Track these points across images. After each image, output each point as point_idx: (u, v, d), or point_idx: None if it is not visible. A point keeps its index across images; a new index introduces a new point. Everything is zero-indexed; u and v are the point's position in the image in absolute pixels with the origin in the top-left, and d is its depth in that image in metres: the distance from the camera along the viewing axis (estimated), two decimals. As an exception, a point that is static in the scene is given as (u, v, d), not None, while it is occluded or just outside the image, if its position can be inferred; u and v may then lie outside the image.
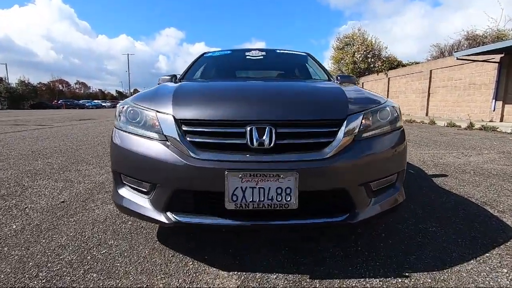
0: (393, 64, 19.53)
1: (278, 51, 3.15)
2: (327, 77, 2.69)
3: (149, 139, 1.39)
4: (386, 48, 21.74)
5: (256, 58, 2.96)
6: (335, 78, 2.63)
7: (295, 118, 1.34)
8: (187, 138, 1.32)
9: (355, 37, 23.05)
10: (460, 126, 9.06)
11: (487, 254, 1.51)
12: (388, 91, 17.65)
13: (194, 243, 1.62)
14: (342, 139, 1.32)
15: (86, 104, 47.43)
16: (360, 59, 21.74)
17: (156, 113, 1.42)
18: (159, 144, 1.35)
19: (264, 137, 1.27)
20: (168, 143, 1.33)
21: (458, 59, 9.90)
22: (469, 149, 4.97)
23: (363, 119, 1.41)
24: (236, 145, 1.29)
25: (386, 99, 1.66)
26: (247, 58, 2.97)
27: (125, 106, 1.55)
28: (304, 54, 3.20)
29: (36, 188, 2.64)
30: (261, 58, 2.96)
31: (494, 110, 9.95)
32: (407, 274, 1.34)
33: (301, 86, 2.06)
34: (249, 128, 1.29)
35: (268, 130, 1.28)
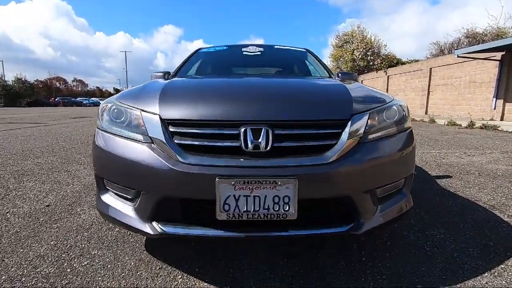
0: (392, 62, 19.40)
1: (276, 47, 3.02)
2: (327, 74, 2.56)
3: (134, 141, 1.26)
4: (386, 46, 21.64)
5: (253, 54, 2.82)
6: (336, 75, 2.51)
7: (294, 118, 1.22)
8: (174, 140, 1.19)
9: (354, 35, 22.89)
10: (460, 125, 8.96)
11: (501, 266, 1.40)
12: (387, 89, 17.53)
13: (184, 252, 1.49)
14: (346, 141, 1.19)
15: (84, 102, 46.99)
16: (360, 56, 21.60)
17: (141, 112, 1.29)
18: (143, 147, 1.22)
19: (260, 140, 1.14)
20: (153, 146, 1.21)
21: (459, 56, 9.79)
22: (471, 148, 4.86)
23: (369, 119, 1.29)
24: (229, 148, 1.16)
25: (393, 97, 1.54)
26: (244, 54, 2.83)
27: (109, 105, 1.42)
28: (304, 50, 3.06)
29: (21, 190, 2.50)
30: (259, 54, 2.83)
31: (494, 108, 9.86)
32: (416, 289, 1.22)
33: (301, 83, 1.91)
34: (243, 129, 1.16)
35: (264, 131, 1.16)
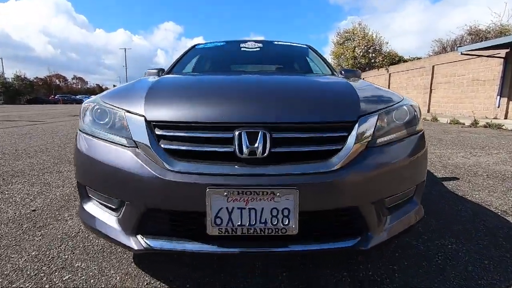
0: (394, 60, 19.21)
1: (276, 43, 2.88)
2: (330, 71, 2.43)
3: (117, 145, 1.13)
4: (387, 43, 21.43)
5: (251, 50, 2.69)
6: (338, 73, 2.38)
7: (295, 121, 1.09)
8: (160, 145, 1.06)
9: (355, 32, 22.68)
10: (463, 124, 8.81)
11: (522, 282, 1.28)
12: (389, 87, 17.35)
13: (175, 265, 1.37)
14: (353, 146, 1.07)
15: (84, 99, 46.72)
16: (361, 54, 21.40)
17: (125, 113, 1.16)
18: (127, 152, 1.09)
19: (256, 144, 1.02)
20: (138, 151, 1.08)
21: (462, 54, 9.62)
22: (476, 148, 4.73)
23: (378, 121, 1.16)
24: (221, 154, 1.04)
25: (402, 96, 1.41)
26: (242, 50, 2.70)
27: (92, 105, 1.30)
28: (305, 46, 2.93)
29: (8, 193, 2.39)
30: (258, 50, 2.69)
31: (498, 107, 9.70)
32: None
33: (302, 81, 1.77)
34: (237, 132, 1.03)
35: (261, 135, 1.03)
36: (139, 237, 1.09)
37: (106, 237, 1.17)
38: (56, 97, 46.09)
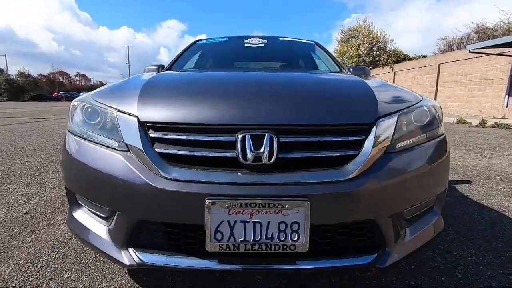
0: (399, 58, 18.96)
1: (282, 39, 2.75)
2: (338, 68, 2.30)
3: (107, 148, 1.02)
4: (392, 41, 21.15)
5: (256, 46, 2.56)
6: (347, 70, 2.25)
7: (306, 122, 0.97)
8: (154, 149, 0.95)
9: (360, 30, 22.40)
10: (471, 123, 8.62)
11: (554, 302, 1.16)
12: (393, 86, 17.12)
13: (172, 278, 1.27)
14: (371, 151, 0.95)
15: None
16: (365, 52, 21.14)
17: (116, 112, 1.05)
18: (117, 156, 0.98)
19: (262, 149, 0.90)
20: (129, 155, 0.97)
21: (470, 52, 9.40)
22: (487, 149, 4.58)
23: (397, 124, 1.04)
24: (222, 159, 0.93)
25: (421, 96, 1.28)
26: (246, 46, 2.57)
27: (81, 103, 1.19)
28: (311, 42, 2.80)
29: (1, 194, 2.29)
30: (262, 46, 2.56)
31: (506, 106, 9.49)
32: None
33: (313, 78, 1.62)
34: (241, 135, 0.92)
35: (267, 138, 0.91)
36: (131, 250, 0.98)
37: (95, 249, 1.07)
38: (59, 94, 46.20)
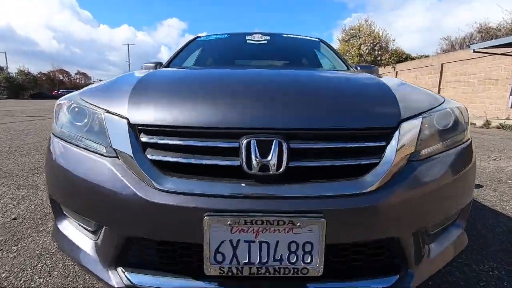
0: (401, 57, 18.83)
1: (285, 36, 2.63)
2: (345, 67, 2.18)
3: (94, 154, 0.90)
4: (394, 41, 20.99)
5: (258, 43, 2.44)
6: (354, 68, 2.13)
7: (320, 126, 0.85)
8: (146, 155, 0.84)
9: (361, 29, 22.23)
10: (475, 124, 8.50)
11: None
12: (395, 86, 17.00)
13: None
14: (393, 159, 0.83)
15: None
16: (367, 51, 20.98)
17: (104, 113, 0.93)
18: (105, 162, 0.86)
19: (269, 156, 0.78)
20: (118, 162, 0.85)
21: (475, 51, 9.26)
22: (494, 151, 4.46)
23: (421, 128, 0.92)
24: (224, 168, 0.81)
25: (443, 97, 1.16)
26: (248, 43, 2.45)
27: (68, 102, 1.07)
28: (316, 39, 2.68)
29: (-10, 197, 2.18)
30: (265, 43, 2.44)
31: (511, 107, 9.36)
32: None
33: (325, 77, 1.47)
34: (245, 141, 0.80)
35: (276, 144, 0.79)
36: (119, 270, 0.87)
37: (80, 266, 0.95)
38: (59, 92, 46.06)
